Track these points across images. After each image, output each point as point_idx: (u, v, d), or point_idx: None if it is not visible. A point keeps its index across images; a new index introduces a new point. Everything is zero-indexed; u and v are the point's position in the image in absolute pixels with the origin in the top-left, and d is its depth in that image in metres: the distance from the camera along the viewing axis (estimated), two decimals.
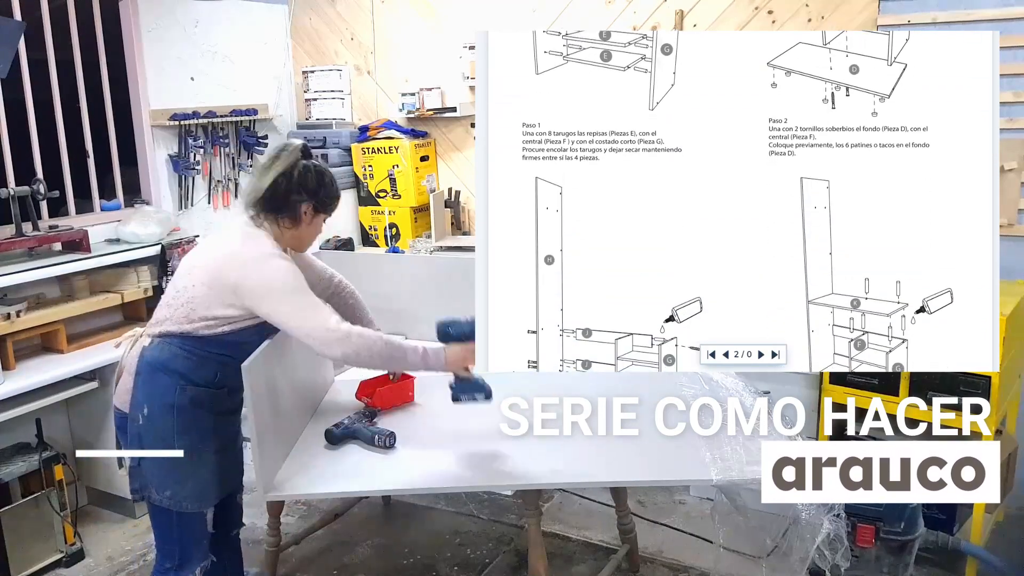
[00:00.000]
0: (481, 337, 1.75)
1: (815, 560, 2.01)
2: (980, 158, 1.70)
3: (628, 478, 2.26)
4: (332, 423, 2.37)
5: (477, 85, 1.75)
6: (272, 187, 2.10)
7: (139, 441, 2.05)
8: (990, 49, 1.70)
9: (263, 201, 2.11)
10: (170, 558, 2.14)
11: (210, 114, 4.21)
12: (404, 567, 3.04)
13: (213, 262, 2.09)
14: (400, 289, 3.35)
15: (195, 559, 2.14)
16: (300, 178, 2.12)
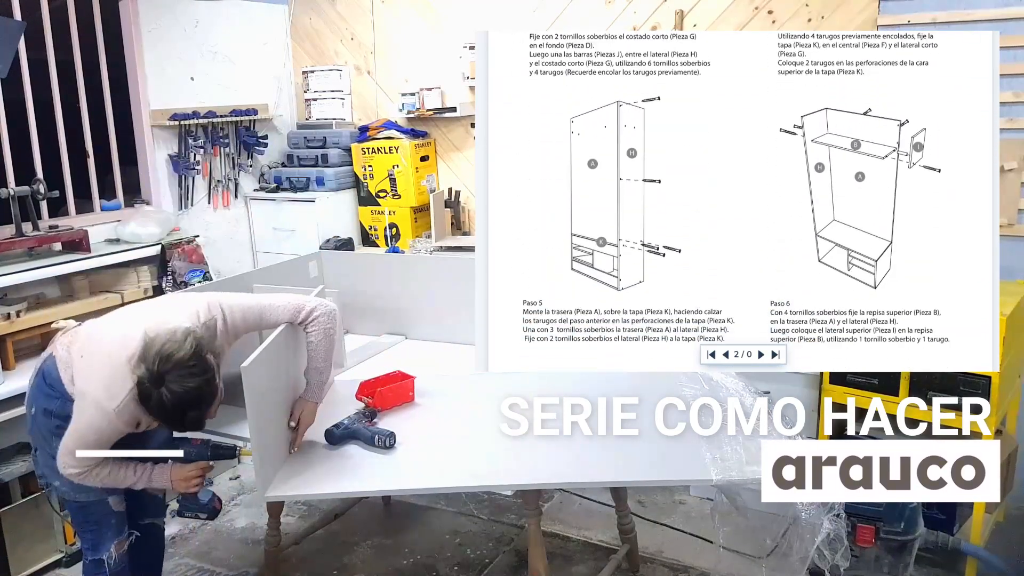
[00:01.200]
0: (481, 337, 1.75)
1: (815, 560, 2.01)
2: (980, 158, 1.70)
3: (628, 478, 2.26)
4: (332, 423, 2.37)
5: (477, 85, 1.75)
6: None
7: (31, 434, 2.23)
8: (990, 49, 1.70)
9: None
10: (84, 541, 2.30)
11: (210, 114, 4.21)
12: (404, 567, 3.04)
13: (94, 352, 2.09)
14: (400, 289, 3.36)
15: (107, 539, 2.26)
16: (141, 394, 2.00)
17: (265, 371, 2.17)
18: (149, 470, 2.18)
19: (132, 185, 4.06)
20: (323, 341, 2.31)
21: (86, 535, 2.29)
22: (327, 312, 2.32)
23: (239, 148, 4.43)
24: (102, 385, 2.02)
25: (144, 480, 2.17)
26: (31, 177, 3.45)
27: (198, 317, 2.16)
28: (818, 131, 1.72)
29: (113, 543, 2.26)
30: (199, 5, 4.20)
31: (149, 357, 1.96)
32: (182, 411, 1.98)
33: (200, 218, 4.24)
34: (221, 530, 3.33)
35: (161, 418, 2.02)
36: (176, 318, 2.10)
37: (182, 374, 1.95)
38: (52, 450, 2.13)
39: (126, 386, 2.00)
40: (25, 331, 3.16)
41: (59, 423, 2.12)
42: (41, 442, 2.19)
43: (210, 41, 4.27)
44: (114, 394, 2.01)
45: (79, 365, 2.09)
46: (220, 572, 3.05)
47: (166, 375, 1.95)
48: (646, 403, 1.82)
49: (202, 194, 4.28)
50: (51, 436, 2.14)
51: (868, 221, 1.72)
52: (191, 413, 2.00)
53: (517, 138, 1.73)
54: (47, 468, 2.20)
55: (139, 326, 2.06)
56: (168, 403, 1.96)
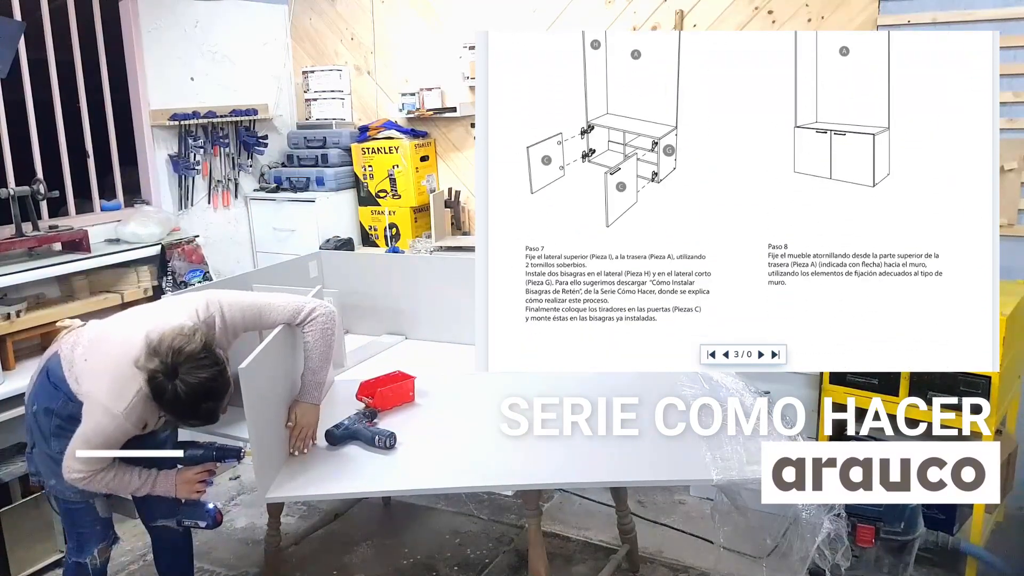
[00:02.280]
0: (481, 337, 1.75)
1: (815, 560, 2.01)
2: (980, 158, 1.70)
3: (628, 478, 2.26)
4: (332, 424, 2.37)
5: (477, 85, 1.75)
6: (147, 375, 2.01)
7: (30, 431, 2.24)
8: (990, 49, 1.70)
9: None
10: (70, 540, 2.33)
11: (210, 114, 4.21)
12: (404, 567, 3.04)
13: (98, 356, 2.10)
14: (400, 289, 3.35)
15: (92, 541, 2.28)
16: (154, 389, 2.00)
17: (263, 372, 2.17)
18: (153, 476, 2.18)
19: (132, 185, 4.06)
20: (319, 342, 2.30)
21: (72, 536, 2.32)
22: (326, 313, 2.32)
23: (239, 148, 4.43)
24: (108, 388, 2.03)
25: (148, 485, 2.18)
26: (31, 177, 3.45)
27: (197, 315, 2.17)
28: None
29: (97, 548, 2.29)
30: (199, 5, 4.20)
31: (162, 351, 1.97)
32: (197, 403, 2.00)
33: (200, 218, 4.24)
34: (221, 530, 3.32)
35: (175, 412, 2.03)
36: (177, 318, 2.11)
37: (195, 366, 1.97)
38: (49, 449, 2.15)
39: (133, 387, 2.01)
40: (25, 331, 3.16)
41: (60, 423, 2.12)
42: (39, 440, 2.20)
43: (210, 41, 4.27)
44: (121, 396, 2.02)
45: (83, 368, 2.10)
46: (220, 572, 3.05)
47: (179, 367, 1.96)
48: (646, 403, 1.82)
49: (202, 194, 4.28)
50: (49, 436, 2.16)
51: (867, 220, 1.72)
52: (205, 404, 2.01)
53: (517, 138, 1.73)
54: (42, 466, 2.22)
55: (141, 328, 2.06)
56: (183, 395, 1.97)
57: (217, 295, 2.27)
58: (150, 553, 3.16)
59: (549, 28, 4.03)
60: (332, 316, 2.35)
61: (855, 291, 1.73)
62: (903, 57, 1.70)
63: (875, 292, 1.72)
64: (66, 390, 2.11)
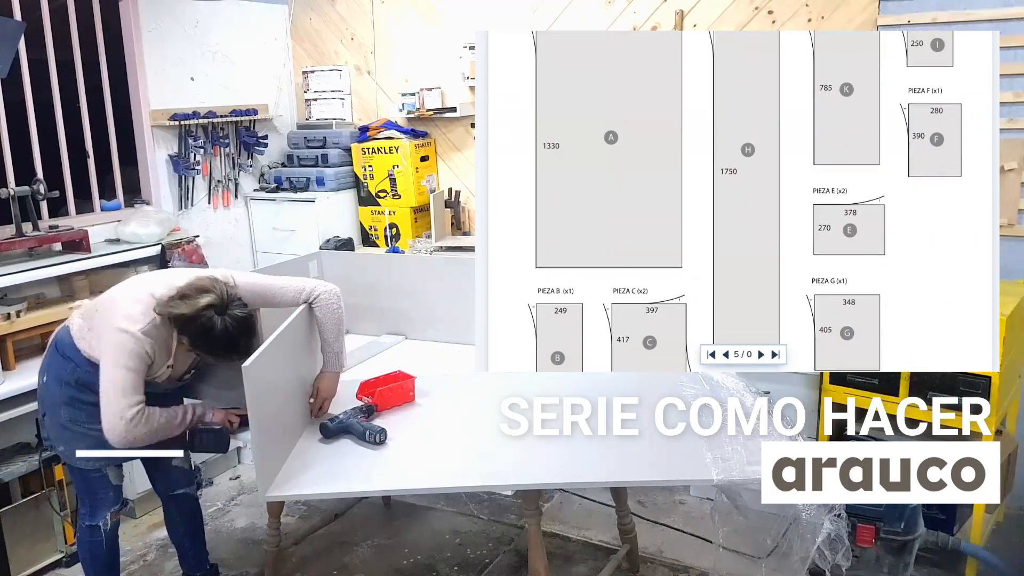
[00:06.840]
0: (481, 337, 1.75)
1: (815, 560, 2.01)
2: (980, 158, 1.70)
3: (628, 478, 2.26)
4: (328, 418, 2.39)
5: (477, 85, 1.75)
6: (179, 317, 2.17)
7: (41, 401, 2.39)
8: (990, 49, 1.70)
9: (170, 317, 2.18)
10: (83, 505, 2.47)
11: (210, 114, 4.21)
12: (404, 567, 3.04)
13: (107, 303, 2.26)
14: (400, 289, 3.35)
15: (104, 506, 2.44)
16: (203, 324, 2.16)
17: (265, 371, 2.17)
18: (192, 406, 2.34)
19: (132, 185, 4.06)
20: (328, 317, 2.49)
21: (85, 502, 2.45)
22: (328, 291, 2.51)
23: (239, 148, 4.43)
24: (122, 315, 2.17)
25: (190, 415, 2.31)
26: (31, 177, 3.45)
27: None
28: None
29: (109, 512, 2.44)
30: (199, 5, 4.20)
31: (217, 288, 2.18)
32: (238, 338, 2.18)
33: (200, 218, 4.24)
34: (221, 530, 3.33)
35: (220, 346, 2.18)
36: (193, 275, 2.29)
37: (239, 303, 2.21)
38: (60, 417, 2.29)
39: (148, 314, 2.16)
40: (25, 331, 3.16)
41: (72, 392, 2.26)
42: (50, 408, 2.33)
43: (210, 41, 4.26)
44: (136, 319, 2.15)
45: (96, 321, 2.23)
46: (220, 572, 3.05)
47: (231, 304, 2.17)
48: (646, 403, 1.82)
49: (202, 194, 4.27)
50: (60, 404, 2.29)
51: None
52: (245, 340, 2.20)
53: (517, 138, 1.73)
54: (53, 433, 2.36)
55: (154, 277, 2.32)
56: (232, 328, 2.16)
57: (227, 271, 2.42)
58: (150, 553, 3.18)
59: (549, 28, 4.03)
60: (335, 293, 2.53)
61: (855, 291, 1.73)
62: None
63: (875, 292, 1.72)
64: (76, 356, 2.24)
